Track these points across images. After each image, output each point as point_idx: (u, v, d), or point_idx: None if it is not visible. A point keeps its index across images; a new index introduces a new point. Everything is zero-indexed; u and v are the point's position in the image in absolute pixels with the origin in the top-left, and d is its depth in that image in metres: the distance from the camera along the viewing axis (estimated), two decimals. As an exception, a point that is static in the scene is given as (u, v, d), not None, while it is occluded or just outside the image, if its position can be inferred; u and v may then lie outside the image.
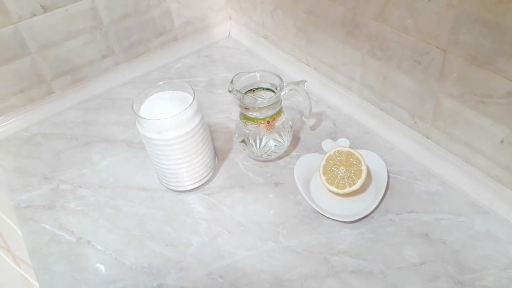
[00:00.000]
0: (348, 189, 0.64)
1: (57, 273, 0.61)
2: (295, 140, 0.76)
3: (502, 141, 0.57)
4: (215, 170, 0.72)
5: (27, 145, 0.82)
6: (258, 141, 0.69)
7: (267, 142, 0.69)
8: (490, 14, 0.51)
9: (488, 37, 0.52)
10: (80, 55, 0.88)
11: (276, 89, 0.67)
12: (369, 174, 0.67)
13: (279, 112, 0.68)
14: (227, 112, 0.84)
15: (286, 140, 0.71)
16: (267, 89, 0.69)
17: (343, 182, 0.64)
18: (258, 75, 0.69)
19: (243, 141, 0.70)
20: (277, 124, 0.68)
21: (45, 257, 0.63)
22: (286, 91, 0.68)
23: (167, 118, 0.60)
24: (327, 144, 0.73)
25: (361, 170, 0.64)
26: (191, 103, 0.62)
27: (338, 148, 0.67)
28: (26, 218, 0.69)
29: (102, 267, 0.61)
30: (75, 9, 0.83)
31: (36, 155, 0.80)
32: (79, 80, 0.91)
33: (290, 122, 0.72)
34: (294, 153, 0.74)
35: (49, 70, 0.86)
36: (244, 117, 0.68)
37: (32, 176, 0.76)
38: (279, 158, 0.73)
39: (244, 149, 0.72)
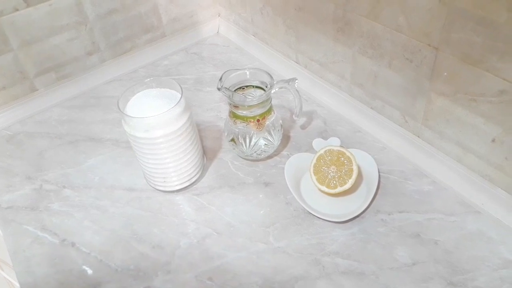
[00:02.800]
0: (339, 189, 0.63)
1: (40, 276, 0.59)
2: (285, 139, 0.75)
3: (493, 140, 0.57)
4: (203, 169, 0.71)
5: (9, 144, 0.80)
6: (247, 140, 0.68)
7: (257, 141, 0.68)
8: (483, 11, 0.50)
9: (480, 34, 0.52)
10: (64, 52, 0.86)
11: (266, 87, 0.66)
12: (360, 174, 0.66)
13: (269, 111, 0.67)
14: (216, 111, 0.83)
15: (276, 139, 0.70)
16: (257, 87, 0.67)
17: (334, 182, 0.63)
18: (247, 73, 0.67)
19: (232, 140, 0.69)
20: (267, 122, 0.67)
21: (27, 259, 0.61)
22: (276, 89, 0.66)
23: (154, 116, 0.58)
24: (317, 143, 0.72)
25: (352, 170, 0.63)
26: (179, 101, 0.60)
27: (328, 147, 0.66)
28: (8, 219, 0.66)
29: (87, 270, 0.59)
30: (59, 3, 0.80)
31: (19, 155, 0.77)
32: (64, 77, 0.89)
33: (280, 121, 0.71)
34: (284, 152, 0.73)
35: (33, 67, 0.84)
36: (234, 116, 0.67)
37: (14, 176, 0.73)
38: (269, 157, 0.72)
39: (234, 148, 0.71)
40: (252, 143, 0.68)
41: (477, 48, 0.53)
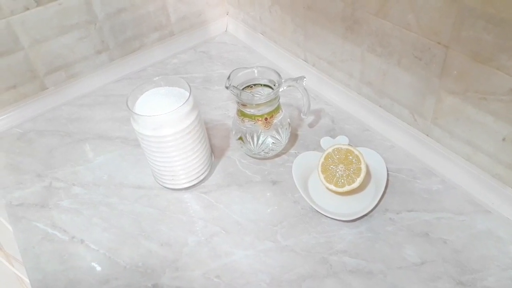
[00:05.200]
0: (347, 188, 0.63)
1: (49, 272, 0.60)
2: (293, 137, 0.75)
3: (504, 139, 0.57)
4: (211, 168, 0.71)
5: (20, 142, 0.81)
6: (255, 139, 0.68)
7: (264, 140, 0.68)
8: (494, 9, 0.50)
9: (491, 32, 0.51)
10: (74, 51, 0.87)
11: (274, 85, 0.66)
12: (368, 172, 0.66)
13: (277, 109, 0.67)
14: (224, 109, 0.83)
15: (284, 138, 0.69)
16: (265, 85, 0.67)
17: (342, 180, 0.63)
18: (255, 71, 0.67)
19: (240, 138, 0.69)
20: (275, 121, 0.67)
21: (37, 256, 0.62)
22: (284, 88, 0.66)
23: (163, 115, 0.58)
24: (325, 141, 0.72)
25: (360, 168, 0.63)
26: (187, 99, 0.60)
27: (337, 146, 0.66)
28: (18, 216, 0.67)
29: (95, 267, 0.60)
30: (69, 3, 0.81)
31: (29, 152, 0.78)
32: (73, 76, 0.89)
33: (288, 119, 0.71)
34: (292, 151, 0.73)
35: (42, 66, 0.84)
36: (241, 114, 0.67)
37: (24, 173, 0.74)
38: (277, 155, 0.72)
39: (241, 147, 0.71)
40: (260, 141, 0.68)
41: (488, 46, 0.52)
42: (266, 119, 0.66)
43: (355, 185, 0.62)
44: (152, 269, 0.58)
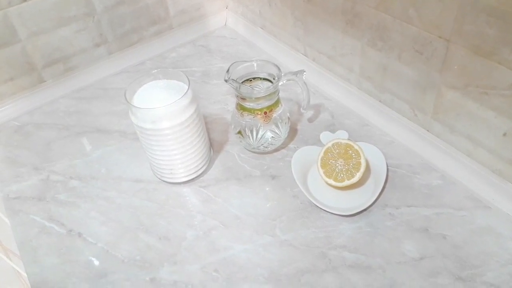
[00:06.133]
0: (346, 182, 0.62)
1: (47, 266, 0.59)
2: (293, 132, 0.74)
3: (505, 134, 0.56)
4: (210, 162, 0.70)
5: (17, 135, 0.80)
6: (254, 133, 0.67)
7: (264, 134, 0.68)
8: (496, 2, 0.49)
9: (493, 26, 0.51)
10: (72, 43, 0.86)
11: (273, 79, 0.66)
12: (368, 167, 0.65)
13: (276, 103, 0.67)
14: (223, 103, 0.83)
15: (283, 132, 0.69)
16: (264, 79, 0.67)
17: (342, 175, 0.63)
18: (255, 65, 0.67)
19: (239, 132, 0.69)
20: (274, 115, 0.67)
21: (34, 249, 0.61)
22: (284, 81, 0.66)
23: (161, 108, 0.58)
24: (325, 136, 0.71)
25: (360, 163, 0.63)
26: (186, 92, 0.60)
27: (336, 140, 0.65)
28: (15, 209, 0.67)
29: (93, 260, 0.59)
30: (67, -5, 0.80)
31: (27, 145, 0.78)
32: (71, 69, 0.89)
33: (288, 114, 0.70)
34: (291, 145, 0.72)
35: (40, 58, 0.84)
36: (241, 108, 0.66)
37: (22, 166, 0.74)
38: (276, 150, 0.72)
39: (240, 141, 0.70)
40: (259, 135, 0.67)
41: (489, 40, 0.52)
42: (265, 113, 0.66)
43: (354, 179, 0.62)
44: (150, 263, 0.58)
